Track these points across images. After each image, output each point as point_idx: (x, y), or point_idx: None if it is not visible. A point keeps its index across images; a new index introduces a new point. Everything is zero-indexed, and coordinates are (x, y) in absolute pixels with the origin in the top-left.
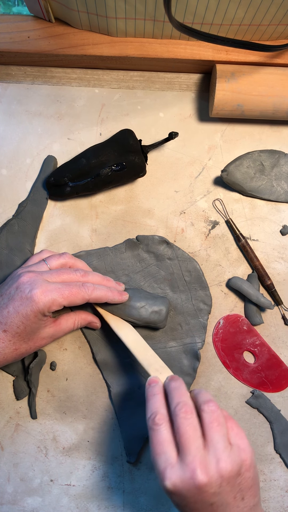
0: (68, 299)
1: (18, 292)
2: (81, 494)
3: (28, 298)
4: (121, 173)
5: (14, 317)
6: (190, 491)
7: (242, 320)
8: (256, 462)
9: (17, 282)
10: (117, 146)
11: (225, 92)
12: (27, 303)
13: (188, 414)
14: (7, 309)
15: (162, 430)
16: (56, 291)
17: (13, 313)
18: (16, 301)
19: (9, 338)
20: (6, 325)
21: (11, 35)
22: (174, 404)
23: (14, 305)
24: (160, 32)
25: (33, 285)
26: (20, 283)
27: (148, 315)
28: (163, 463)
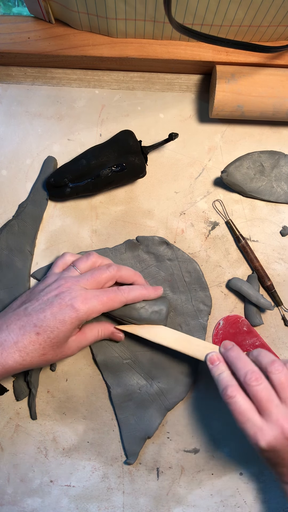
0: (107, 305)
1: (58, 299)
2: (81, 495)
3: (68, 306)
4: (121, 174)
5: (51, 322)
6: (283, 444)
7: (242, 321)
8: (256, 462)
9: (56, 290)
10: (117, 147)
11: (225, 93)
12: (67, 311)
13: (259, 380)
14: (44, 313)
15: (238, 401)
16: (95, 299)
17: (50, 317)
18: (55, 307)
19: (40, 341)
20: (41, 328)
21: (11, 36)
22: (243, 374)
23: (53, 311)
24: (160, 33)
25: (73, 293)
26: (60, 291)
27: (148, 316)
28: (251, 429)
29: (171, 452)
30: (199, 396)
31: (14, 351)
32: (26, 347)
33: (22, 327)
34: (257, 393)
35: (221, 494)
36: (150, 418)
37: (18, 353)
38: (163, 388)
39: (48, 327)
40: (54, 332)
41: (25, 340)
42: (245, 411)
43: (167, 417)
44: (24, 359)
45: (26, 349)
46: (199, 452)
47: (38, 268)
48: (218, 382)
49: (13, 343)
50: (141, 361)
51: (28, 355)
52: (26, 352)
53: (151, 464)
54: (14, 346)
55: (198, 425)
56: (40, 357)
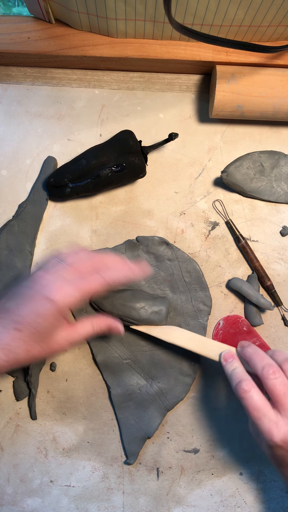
0: (85, 290)
1: (35, 292)
2: (81, 495)
3: (44, 298)
4: (121, 174)
5: (30, 316)
6: None
7: (242, 321)
8: (256, 463)
9: (32, 282)
10: (117, 147)
11: (225, 93)
12: (44, 303)
13: (276, 373)
14: (22, 309)
15: (253, 396)
16: (71, 286)
17: (29, 312)
18: (32, 301)
19: (22, 337)
20: (21, 324)
21: (11, 36)
22: (260, 368)
23: (31, 305)
24: (160, 33)
25: (49, 284)
26: (35, 283)
27: (148, 316)
28: (267, 424)
29: (171, 452)
30: (199, 396)
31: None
32: (9, 344)
33: (2, 324)
34: (274, 387)
35: (221, 494)
36: (150, 418)
37: (1, 351)
38: (163, 388)
39: (29, 322)
40: (35, 327)
41: (6, 338)
42: (260, 406)
43: (167, 417)
44: (8, 356)
45: (9, 346)
46: (199, 452)
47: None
48: (232, 377)
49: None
50: (141, 361)
51: (12, 352)
52: (9, 349)
53: (151, 464)
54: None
55: (198, 425)
56: (26, 353)
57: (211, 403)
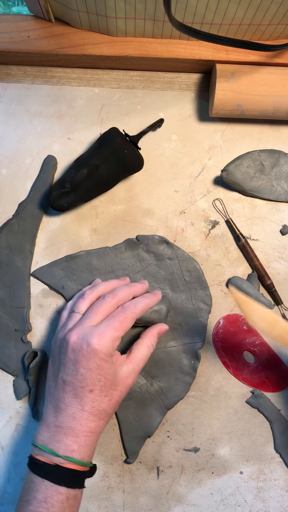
0: (122, 328)
1: (77, 353)
2: None
3: (89, 352)
4: (120, 168)
5: (90, 375)
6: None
7: (242, 320)
8: (256, 461)
9: (70, 346)
10: (106, 147)
11: (225, 92)
12: (92, 356)
13: None
14: (79, 373)
15: None
16: (107, 329)
17: (86, 373)
18: (81, 361)
19: (98, 394)
20: (89, 386)
21: (11, 35)
22: None
23: (83, 365)
24: (160, 31)
25: (86, 338)
26: (73, 344)
27: (148, 314)
28: None
29: (171, 451)
30: (199, 395)
31: (87, 415)
32: (93, 405)
33: (76, 395)
34: None
35: (221, 493)
36: (150, 417)
37: (92, 415)
38: (163, 387)
39: (93, 380)
40: (100, 379)
41: (88, 403)
42: None
43: (167, 416)
44: (99, 414)
45: (94, 407)
46: (199, 451)
47: (38, 267)
48: None
49: (81, 410)
50: None
51: (100, 410)
52: (96, 409)
53: (151, 463)
54: (84, 412)
55: (198, 424)
56: (109, 404)
57: (211, 402)
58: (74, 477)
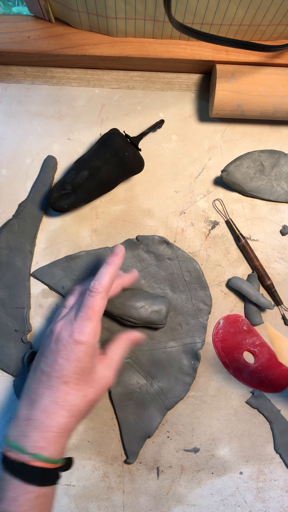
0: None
1: (59, 343)
2: (81, 494)
3: (70, 342)
4: (120, 170)
5: (67, 366)
6: None
7: (242, 320)
8: (256, 462)
9: (53, 337)
10: (106, 149)
11: (225, 92)
12: (72, 346)
13: None
14: (57, 363)
15: None
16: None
17: (63, 363)
18: (61, 351)
19: (72, 387)
20: (64, 377)
21: (11, 35)
22: None
23: (62, 355)
24: (160, 32)
25: (69, 328)
26: (56, 335)
27: (148, 315)
28: None
29: (171, 451)
30: (199, 395)
31: (58, 409)
32: (66, 399)
33: (49, 386)
34: None
35: (221, 493)
36: (150, 417)
37: (63, 409)
38: (163, 387)
39: (69, 372)
40: (77, 372)
41: (60, 395)
42: None
43: (167, 416)
44: (71, 411)
45: (67, 401)
46: (199, 451)
47: (38, 267)
48: None
49: (53, 403)
50: (141, 361)
51: (72, 405)
52: (69, 404)
53: (151, 463)
54: (56, 405)
55: (198, 424)
56: (83, 400)
57: (211, 402)
58: (43, 475)
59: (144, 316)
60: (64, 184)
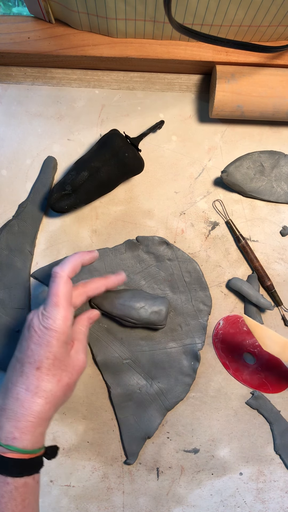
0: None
1: (31, 329)
2: (81, 495)
3: (41, 328)
4: (120, 171)
5: (38, 351)
6: None
7: (242, 321)
8: (256, 462)
9: (27, 323)
10: (106, 149)
11: (225, 93)
12: (43, 332)
13: None
14: (29, 348)
15: None
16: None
17: (35, 348)
18: (33, 337)
19: (45, 373)
20: (36, 362)
21: (11, 36)
22: None
23: (33, 341)
24: (160, 33)
25: (39, 315)
26: (28, 322)
27: (147, 316)
28: None
29: (171, 452)
30: (199, 396)
31: (31, 396)
32: (39, 385)
33: (22, 373)
34: None
35: (221, 494)
36: (150, 418)
37: (36, 396)
38: (163, 388)
39: (41, 358)
40: (49, 357)
41: (33, 381)
42: None
43: (167, 417)
44: (47, 398)
45: (40, 387)
46: (199, 452)
47: (38, 268)
48: None
49: (25, 390)
50: (141, 361)
51: (46, 391)
52: (43, 390)
53: (151, 464)
54: (29, 393)
55: (198, 425)
56: (58, 385)
57: (211, 403)
58: (19, 466)
59: (144, 316)
60: (64, 184)
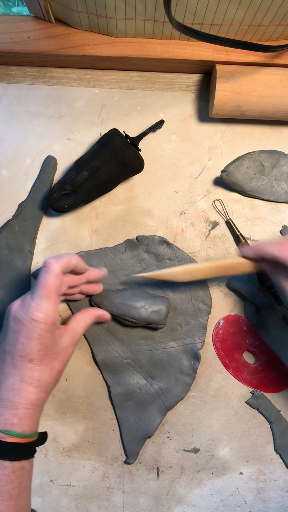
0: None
1: (18, 321)
2: (81, 495)
3: (29, 321)
4: (120, 170)
5: (30, 344)
6: None
7: (242, 320)
8: (256, 462)
9: (11, 315)
10: (106, 149)
11: (225, 93)
12: (32, 325)
13: None
14: (19, 342)
15: None
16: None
17: (26, 342)
18: (22, 330)
19: (38, 364)
20: (28, 355)
21: (11, 35)
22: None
23: (23, 334)
24: (160, 32)
25: (25, 307)
26: (13, 313)
27: (148, 315)
28: None
29: (171, 452)
30: (199, 395)
31: (27, 386)
32: (33, 376)
33: (14, 365)
34: None
35: (221, 494)
36: (150, 417)
37: (32, 386)
38: (163, 387)
39: (32, 350)
40: (41, 349)
41: (27, 373)
42: None
43: (167, 416)
44: (41, 387)
45: (34, 377)
46: (199, 451)
47: (38, 267)
48: None
49: (20, 381)
50: (141, 361)
51: (40, 381)
52: (38, 380)
53: (151, 463)
54: (24, 383)
55: (198, 424)
56: (51, 373)
57: (211, 403)
58: (17, 450)
59: (144, 316)
60: (64, 184)
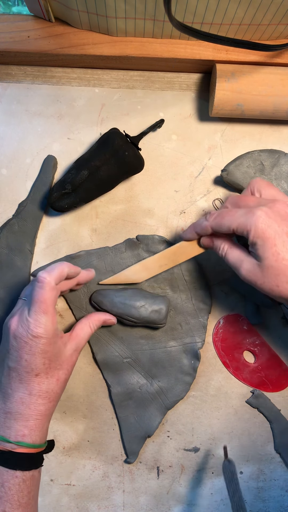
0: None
1: (19, 339)
2: (81, 494)
3: (30, 338)
4: (120, 170)
5: (34, 360)
6: None
7: (242, 319)
8: (256, 461)
9: (11, 333)
10: (106, 148)
11: (225, 92)
12: (34, 341)
13: None
14: (23, 359)
15: None
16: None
17: (30, 358)
18: (24, 348)
19: (44, 377)
20: (34, 370)
21: (11, 34)
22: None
23: (26, 351)
24: (160, 31)
25: (25, 324)
26: (13, 331)
27: (148, 314)
28: None
29: (171, 451)
30: (199, 395)
31: (36, 399)
32: (40, 389)
33: (21, 380)
34: None
35: (221, 493)
36: (150, 417)
37: (40, 398)
38: (163, 387)
39: (38, 364)
40: (45, 362)
41: (34, 386)
42: None
43: (167, 416)
44: (49, 396)
45: (42, 390)
46: (199, 451)
47: (38, 267)
48: None
49: (28, 395)
50: (141, 360)
51: (48, 392)
52: (46, 392)
53: (151, 463)
54: (32, 396)
55: (198, 424)
56: (57, 384)
57: (211, 402)
58: (28, 460)
59: (144, 315)
60: (64, 183)
